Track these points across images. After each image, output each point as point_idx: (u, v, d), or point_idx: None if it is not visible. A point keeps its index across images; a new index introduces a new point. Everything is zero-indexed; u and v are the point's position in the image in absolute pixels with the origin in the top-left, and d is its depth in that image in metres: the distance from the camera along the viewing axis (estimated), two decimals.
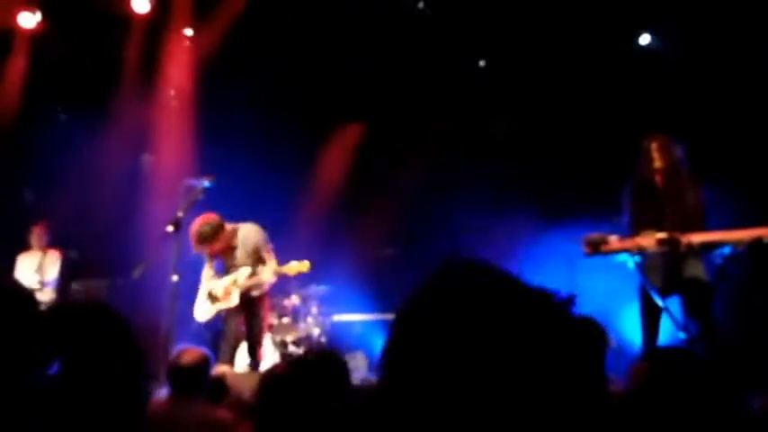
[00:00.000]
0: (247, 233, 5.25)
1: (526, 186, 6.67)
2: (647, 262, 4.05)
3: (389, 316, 7.24)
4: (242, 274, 5.23)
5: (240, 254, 5.24)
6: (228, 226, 5.18)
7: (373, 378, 6.28)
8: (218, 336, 5.54)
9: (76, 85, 7.12)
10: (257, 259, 5.25)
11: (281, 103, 7.16)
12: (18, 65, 7.41)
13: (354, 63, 7.04)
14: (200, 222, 4.98)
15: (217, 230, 5.05)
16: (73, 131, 7.00)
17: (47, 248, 6.48)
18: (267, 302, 5.50)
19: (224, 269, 5.37)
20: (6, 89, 7.34)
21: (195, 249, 5.03)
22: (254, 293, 5.28)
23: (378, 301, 7.18)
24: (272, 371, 2.47)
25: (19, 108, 7.32)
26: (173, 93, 7.48)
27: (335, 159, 7.76)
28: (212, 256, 5.31)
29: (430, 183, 7.23)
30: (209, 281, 5.39)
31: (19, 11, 7.11)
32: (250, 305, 5.30)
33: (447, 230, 7.01)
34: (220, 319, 5.42)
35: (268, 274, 5.19)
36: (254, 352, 5.38)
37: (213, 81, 7.12)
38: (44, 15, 7.19)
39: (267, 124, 6.89)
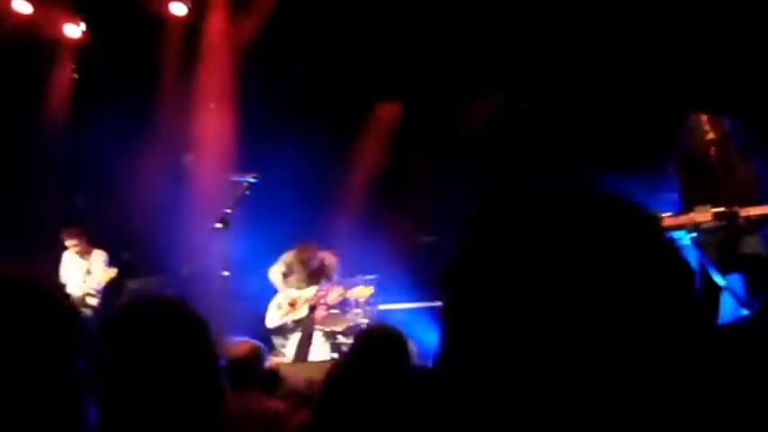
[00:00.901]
0: (327, 259, 6.11)
1: (567, 168, 6.55)
2: (702, 238, 3.93)
3: (432, 304, 7.26)
4: (311, 292, 5.95)
5: (317, 276, 6.05)
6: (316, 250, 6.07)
7: (422, 365, 6.29)
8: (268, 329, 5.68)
9: (120, 90, 7.33)
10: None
11: (317, 93, 7.20)
12: (65, 74, 7.69)
13: (389, 44, 6.99)
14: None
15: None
16: (118, 136, 7.21)
17: (88, 251, 6.64)
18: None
19: (296, 282, 6.07)
20: (54, 98, 7.62)
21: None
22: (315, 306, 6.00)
23: (420, 290, 7.19)
24: (340, 361, 2.52)
25: (67, 116, 7.59)
26: (211, 92, 7.61)
27: (371, 147, 7.76)
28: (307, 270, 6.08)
29: (467, 168, 7.16)
30: (283, 290, 6.10)
31: (65, 22, 7.37)
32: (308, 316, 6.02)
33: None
34: None
35: (334, 295, 6.02)
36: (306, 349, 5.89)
37: (250, 76, 7.21)
38: (87, 25, 7.44)
39: (304, 115, 6.94)
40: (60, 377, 0.78)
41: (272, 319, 6.12)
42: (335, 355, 6.12)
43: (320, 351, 6.40)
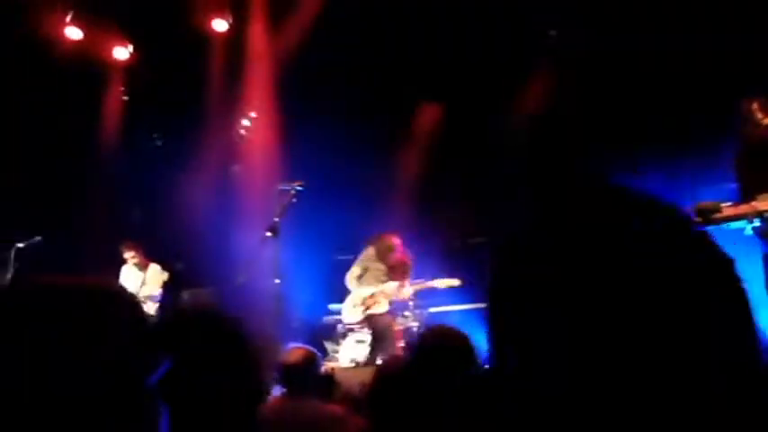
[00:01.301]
0: (404, 258, 6.19)
1: (619, 161, 6.39)
2: (765, 227, 3.76)
3: (482, 306, 7.17)
4: (390, 287, 6.12)
5: (394, 273, 6.17)
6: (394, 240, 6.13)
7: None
8: (320, 333, 5.74)
9: (168, 107, 7.56)
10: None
11: (361, 98, 7.25)
12: (115, 95, 8.00)
13: (431, 44, 6.98)
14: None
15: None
16: (168, 152, 7.44)
17: (146, 263, 6.85)
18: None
19: (373, 280, 6.20)
20: (108, 118, 7.92)
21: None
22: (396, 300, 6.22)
23: (470, 291, 7.12)
24: (388, 364, 2.51)
25: (119, 135, 7.88)
26: (256, 103, 7.77)
27: (415, 149, 7.75)
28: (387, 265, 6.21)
29: (513, 168, 7.07)
30: (357, 288, 6.24)
31: (113, 46, 7.67)
32: (391, 309, 6.19)
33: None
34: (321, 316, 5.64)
35: (408, 290, 6.21)
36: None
37: (293, 84, 7.32)
38: (135, 47, 7.72)
39: (348, 120, 7.00)
40: (136, 385, 0.79)
41: (350, 314, 6.28)
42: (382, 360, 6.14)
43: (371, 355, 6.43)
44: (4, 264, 5.86)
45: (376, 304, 6.17)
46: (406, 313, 6.63)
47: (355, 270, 6.34)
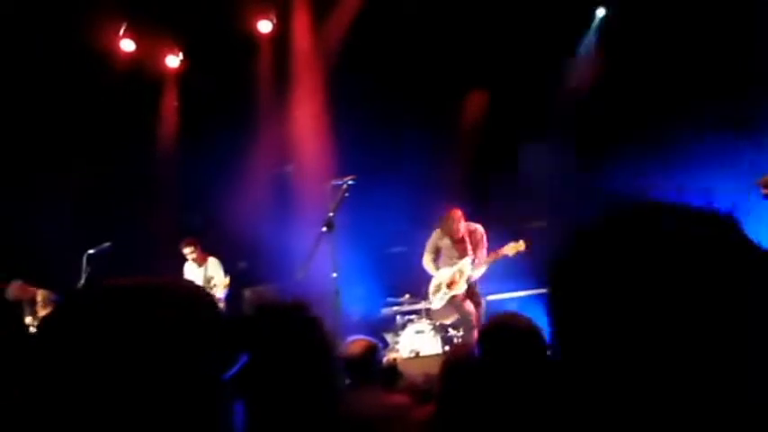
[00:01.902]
0: (474, 229, 6.14)
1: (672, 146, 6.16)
2: None
3: (542, 291, 7.04)
4: (466, 264, 6.03)
5: (464, 246, 6.07)
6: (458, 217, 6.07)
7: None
8: (379, 325, 5.77)
9: (220, 110, 7.75)
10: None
11: (407, 89, 7.23)
12: (170, 102, 8.26)
13: (476, 31, 6.90)
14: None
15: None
16: (223, 154, 7.62)
17: (204, 259, 7.02)
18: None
19: (446, 259, 6.19)
20: (164, 125, 8.20)
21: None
22: (473, 279, 6.14)
23: (530, 277, 7.01)
24: (455, 352, 2.50)
25: (176, 141, 8.14)
26: (305, 101, 7.86)
27: (465, 137, 7.67)
28: (454, 239, 6.13)
29: (575, 150, 6.92)
30: (436, 272, 6.25)
31: (165, 54, 7.92)
32: (472, 290, 6.16)
33: (595, 199, 6.67)
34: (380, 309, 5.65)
35: (481, 268, 6.12)
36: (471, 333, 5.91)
37: (340, 79, 7.36)
38: (185, 55, 7.95)
39: (398, 110, 7.01)
40: (217, 383, 0.81)
41: (436, 299, 6.29)
42: (447, 349, 6.12)
43: (431, 344, 6.43)
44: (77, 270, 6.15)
45: (455, 285, 6.15)
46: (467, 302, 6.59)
47: (428, 255, 6.36)
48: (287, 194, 7.76)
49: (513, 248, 5.97)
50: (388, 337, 6.72)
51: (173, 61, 8.00)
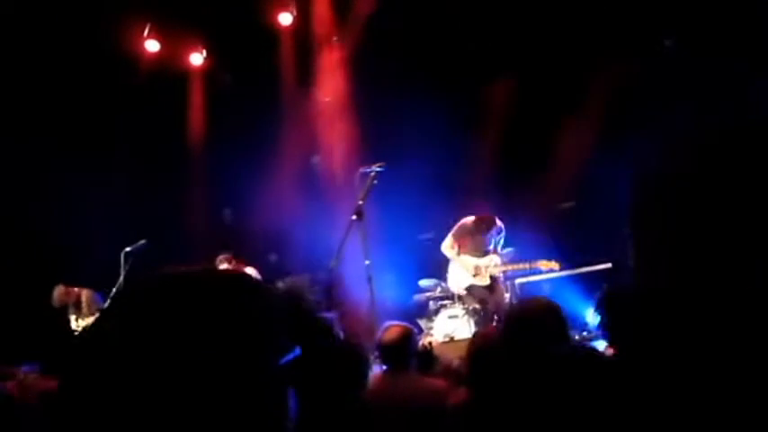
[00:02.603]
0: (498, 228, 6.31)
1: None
2: None
3: (575, 272, 7.01)
4: (494, 260, 6.26)
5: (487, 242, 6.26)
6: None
7: (571, 335, 6.12)
8: (412, 311, 5.80)
9: (246, 105, 7.82)
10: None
11: (434, 72, 7.19)
12: (196, 99, 8.37)
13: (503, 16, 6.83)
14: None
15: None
16: (251, 148, 7.70)
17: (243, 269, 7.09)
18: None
19: (472, 250, 6.32)
20: (193, 123, 8.31)
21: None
22: (496, 275, 6.35)
23: (561, 258, 6.95)
24: (483, 335, 2.52)
25: (204, 137, 8.25)
26: (328, 91, 7.88)
27: (494, 120, 7.58)
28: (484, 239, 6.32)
29: (605, 131, 6.81)
30: (458, 257, 6.39)
31: (189, 53, 8.02)
32: (496, 283, 6.33)
33: (625, 180, 6.55)
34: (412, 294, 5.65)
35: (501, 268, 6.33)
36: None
37: (365, 66, 7.36)
38: (208, 52, 8.03)
39: (424, 96, 6.96)
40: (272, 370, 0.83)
41: (457, 282, 6.44)
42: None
43: (465, 328, 6.43)
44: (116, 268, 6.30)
45: (479, 276, 6.29)
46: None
47: (450, 239, 6.43)
48: (315, 185, 7.81)
49: (546, 265, 6.22)
50: (422, 323, 6.74)
51: (197, 59, 8.10)
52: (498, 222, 6.32)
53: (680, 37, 6.85)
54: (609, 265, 6.86)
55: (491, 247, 6.35)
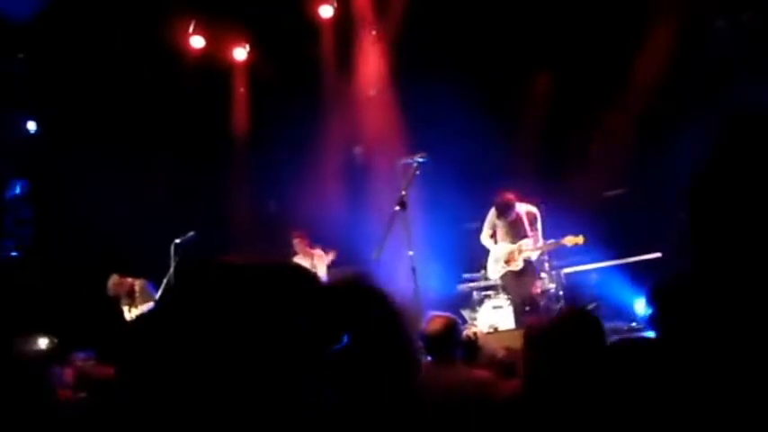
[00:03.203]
0: (531, 213, 6.21)
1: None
2: None
3: (623, 261, 6.85)
4: (524, 244, 6.15)
5: (521, 227, 6.15)
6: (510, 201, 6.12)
7: (618, 326, 6.00)
8: (456, 301, 5.78)
9: (289, 98, 7.90)
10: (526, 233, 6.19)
11: (476, 60, 7.12)
12: (240, 93, 8.51)
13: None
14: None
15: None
16: (294, 141, 7.80)
17: (311, 251, 7.18)
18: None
19: (503, 237, 6.27)
20: (237, 117, 8.45)
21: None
22: (530, 259, 6.22)
23: (609, 247, 6.81)
24: (536, 326, 2.49)
25: (249, 130, 8.39)
26: (370, 83, 7.89)
27: (540, 104, 7.44)
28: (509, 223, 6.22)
29: (650, 117, 6.61)
30: (495, 245, 6.34)
31: (233, 48, 8.15)
32: (528, 269, 6.21)
33: (673, 165, 6.36)
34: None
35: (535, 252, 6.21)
36: (523, 312, 6.02)
37: (405, 60, 7.33)
38: (251, 46, 8.14)
39: (464, 89, 6.90)
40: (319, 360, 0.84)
41: (493, 271, 6.42)
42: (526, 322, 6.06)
43: (509, 319, 6.38)
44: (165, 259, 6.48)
45: (513, 262, 6.21)
46: (543, 275, 6.49)
47: (486, 230, 6.41)
48: (357, 176, 7.84)
49: (572, 240, 6.06)
50: (465, 314, 6.72)
51: (240, 53, 8.22)
52: (519, 204, 6.18)
53: (731, 16, 6.58)
54: (658, 254, 6.68)
55: (527, 230, 6.21)
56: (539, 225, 6.23)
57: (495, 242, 6.39)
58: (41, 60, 7.47)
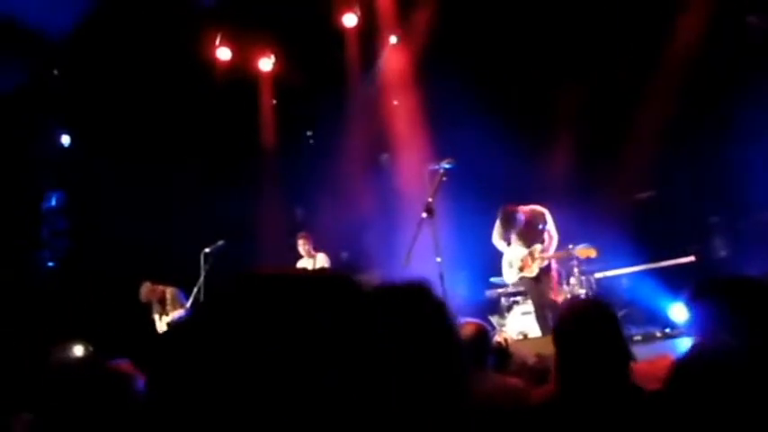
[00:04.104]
0: (538, 214, 5.98)
1: None
2: None
3: (655, 265, 6.72)
4: (538, 249, 5.93)
5: (532, 231, 5.93)
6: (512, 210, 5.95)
7: (650, 332, 5.89)
8: (484, 307, 5.73)
9: (315, 106, 7.97)
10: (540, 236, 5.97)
11: (503, 66, 7.09)
12: (267, 102, 8.61)
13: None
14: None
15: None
16: (320, 148, 7.86)
17: (314, 253, 7.26)
18: (554, 275, 6.10)
19: (515, 240, 6.08)
20: (264, 126, 8.56)
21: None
22: (543, 266, 5.98)
23: (640, 251, 6.69)
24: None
25: (276, 139, 8.49)
26: (396, 90, 7.91)
27: (570, 113, 7.35)
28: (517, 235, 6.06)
29: (681, 118, 6.51)
30: (508, 249, 6.16)
31: (259, 58, 8.27)
32: (542, 276, 5.97)
33: (706, 167, 6.25)
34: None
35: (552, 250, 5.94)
36: (544, 317, 5.83)
37: (431, 67, 7.33)
38: (277, 56, 8.25)
39: (490, 92, 6.89)
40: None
41: (508, 275, 6.27)
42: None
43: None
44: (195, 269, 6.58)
45: (527, 268, 6.04)
46: (572, 280, 6.40)
47: (496, 232, 6.28)
48: (384, 182, 7.86)
49: (584, 252, 5.88)
50: (494, 320, 6.66)
51: (266, 64, 8.32)
52: (524, 208, 6.00)
53: (763, 12, 6.45)
54: (692, 258, 6.54)
55: (539, 233, 5.99)
56: (550, 225, 6.01)
57: (509, 244, 6.22)
58: (75, 75, 7.69)
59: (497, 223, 6.21)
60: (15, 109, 7.30)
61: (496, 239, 6.28)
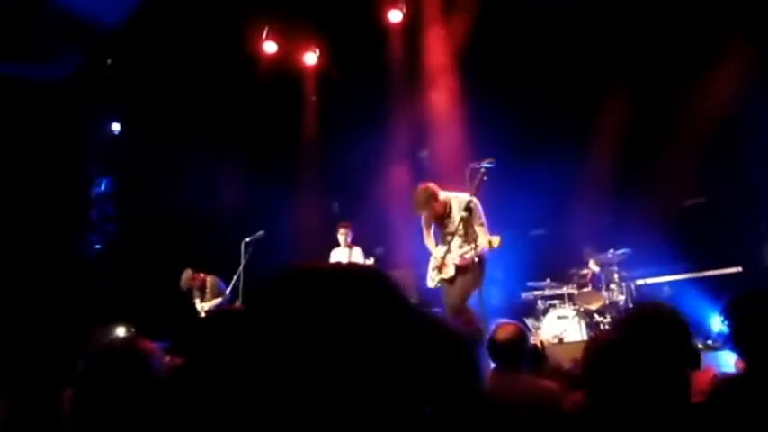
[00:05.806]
0: (461, 203, 5.06)
1: None
2: None
3: (700, 274, 6.53)
4: (453, 246, 5.09)
5: (453, 223, 5.09)
6: (443, 195, 5.15)
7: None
8: (520, 309, 5.67)
9: (357, 101, 8.02)
10: (469, 229, 5.04)
11: (544, 64, 7.00)
12: (310, 96, 8.71)
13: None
14: (417, 189, 5.22)
15: (429, 198, 5.12)
16: (361, 143, 7.89)
17: (352, 245, 7.29)
18: (479, 273, 5.09)
19: (440, 237, 5.35)
20: (307, 120, 8.66)
21: (416, 213, 5.24)
22: (463, 264, 5.06)
23: (685, 259, 6.53)
24: (600, 337, 2.42)
25: (318, 133, 8.57)
26: (438, 86, 7.89)
27: (615, 112, 7.20)
28: (428, 222, 5.36)
29: (730, 123, 6.32)
30: (433, 249, 5.37)
31: (303, 53, 8.36)
32: (460, 275, 5.11)
33: (757, 175, 6.05)
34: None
35: (480, 245, 4.91)
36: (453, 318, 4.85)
37: (473, 64, 7.29)
38: (321, 51, 8.33)
39: (532, 95, 6.81)
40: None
41: (429, 280, 5.39)
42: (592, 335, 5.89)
43: (575, 330, 6.22)
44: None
45: (444, 267, 5.19)
46: (612, 286, 6.30)
47: (424, 231, 5.49)
48: (424, 179, 7.84)
49: (491, 243, 4.84)
50: (529, 322, 6.61)
51: (310, 58, 8.41)
52: (447, 194, 5.10)
53: None
54: (739, 268, 6.34)
55: (457, 226, 4.97)
56: (476, 219, 5.00)
57: (436, 244, 5.36)
58: (127, 64, 7.92)
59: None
60: (69, 97, 7.55)
61: (425, 238, 5.49)
